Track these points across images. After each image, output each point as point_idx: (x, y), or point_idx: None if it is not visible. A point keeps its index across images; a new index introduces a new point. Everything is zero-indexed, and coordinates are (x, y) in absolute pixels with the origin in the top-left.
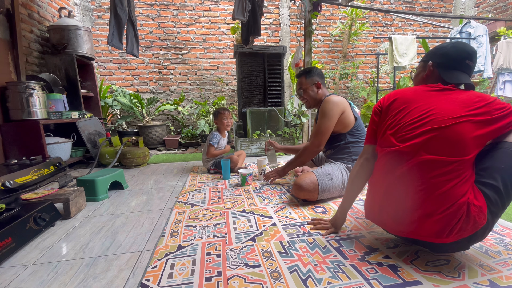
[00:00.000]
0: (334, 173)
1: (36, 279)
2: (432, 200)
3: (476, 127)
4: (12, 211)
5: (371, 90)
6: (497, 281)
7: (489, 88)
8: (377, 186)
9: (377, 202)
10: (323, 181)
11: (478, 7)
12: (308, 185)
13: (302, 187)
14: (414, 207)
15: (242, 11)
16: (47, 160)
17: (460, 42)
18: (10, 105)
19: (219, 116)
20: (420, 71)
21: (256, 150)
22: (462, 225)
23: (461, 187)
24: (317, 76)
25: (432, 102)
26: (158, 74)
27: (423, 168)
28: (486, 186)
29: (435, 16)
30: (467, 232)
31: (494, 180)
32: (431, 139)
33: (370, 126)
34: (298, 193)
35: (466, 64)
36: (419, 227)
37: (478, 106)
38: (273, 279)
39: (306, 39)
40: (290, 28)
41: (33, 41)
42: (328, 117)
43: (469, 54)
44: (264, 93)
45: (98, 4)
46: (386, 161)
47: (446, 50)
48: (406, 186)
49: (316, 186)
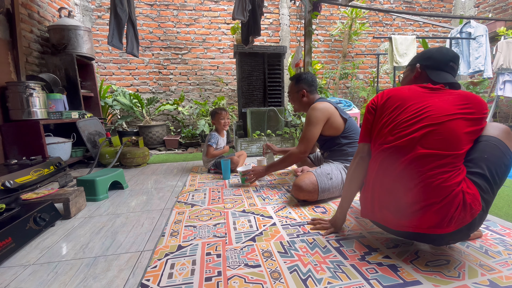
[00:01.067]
0: (333, 172)
1: (36, 279)
2: (431, 191)
3: (468, 124)
4: (12, 211)
5: (371, 90)
6: (497, 281)
7: (489, 88)
8: (376, 183)
9: (377, 199)
10: (323, 181)
11: (478, 7)
12: (307, 185)
13: (301, 187)
14: (414, 200)
15: (242, 11)
16: (47, 160)
17: (443, 47)
18: (10, 105)
19: (216, 116)
20: (408, 74)
21: (256, 150)
22: (461, 213)
23: (456, 178)
24: (305, 84)
25: (427, 101)
26: (158, 74)
27: (420, 162)
28: (474, 175)
29: (435, 16)
30: (466, 220)
31: (481, 169)
32: (427, 134)
33: (364, 124)
34: (297, 194)
35: (450, 65)
36: (421, 219)
37: (468, 105)
38: (273, 279)
39: (306, 39)
40: (290, 28)
41: (33, 41)
42: (313, 124)
43: (453, 57)
44: (264, 93)
45: (98, 4)
46: (384, 158)
47: (432, 54)
48: (405, 181)
49: (315, 187)
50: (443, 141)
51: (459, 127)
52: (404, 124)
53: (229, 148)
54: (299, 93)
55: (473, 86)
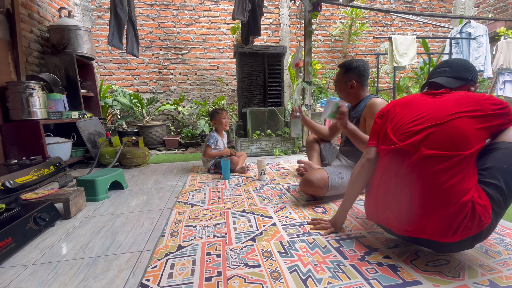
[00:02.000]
0: (344, 172)
1: (36, 279)
2: (436, 196)
3: (475, 122)
4: (12, 211)
5: (371, 90)
6: (497, 281)
7: (489, 88)
8: (380, 185)
9: (381, 201)
10: (334, 179)
11: (478, 7)
12: (318, 180)
13: (312, 182)
14: (418, 204)
15: (242, 11)
16: (47, 160)
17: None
18: (10, 105)
19: (217, 116)
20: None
21: (256, 150)
22: (468, 223)
23: (464, 184)
24: (356, 75)
25: (428, 104)
26: (158, 74)
27: (425, 164)
28: (488, 186)
29: (435, 16)
30: (472, 231)
31: (497, 180)
32: (431, 135)
33: (373, 128)
34: (307, 188)
35: (438, 71)
36: (424, 225)
37: (470, 103)
38: (273, 279)
39: (306, 39)
40: (290, 28)
41: (33, 41)
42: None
43: (444, 62)
44: (264, 93)
45: (98, 4)
46: (388, 160)
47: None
48: (409, 183)
49: (326, 183)
50: (448, 141)
51: (464, 125)
52: (406, 126)
53: (229, 150)
54: (347, 83)
55: None
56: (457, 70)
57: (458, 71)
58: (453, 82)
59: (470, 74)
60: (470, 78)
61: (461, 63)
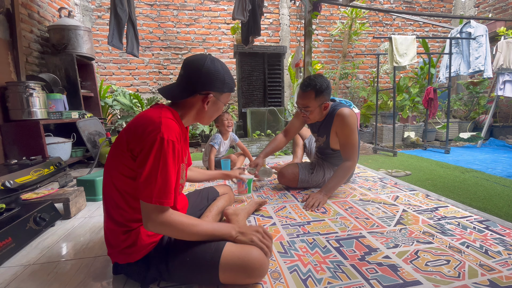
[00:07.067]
0: (316, 168)
1: (36, 279)
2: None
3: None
4: (12, 211)
5: (371, 90)
6: (497, 281)
7: (489, 88)
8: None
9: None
10: (304, 174)
11: (478, 7)
12: (289, 174)
13: (284, 175)
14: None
15: (242, 11)
16: (47, 160)
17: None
18: (10, 105)
19: (218, 117)
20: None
21: (256, 150)
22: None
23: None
24: (327, 95)
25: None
26: (158, 74)
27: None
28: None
29: (435, 16)
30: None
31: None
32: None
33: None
34: (280, 179)
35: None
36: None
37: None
38: (273, 279)
39: (306, 39)
40: (290, 28)
41: (33, 41)
42: (355, 131)
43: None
44: (264, 93)
45: (98, 4)
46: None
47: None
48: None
49: (296, 177)
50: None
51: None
52: None
53: (236, 156)
54: (321, 106)
55: (473, 86)
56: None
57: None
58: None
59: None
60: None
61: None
